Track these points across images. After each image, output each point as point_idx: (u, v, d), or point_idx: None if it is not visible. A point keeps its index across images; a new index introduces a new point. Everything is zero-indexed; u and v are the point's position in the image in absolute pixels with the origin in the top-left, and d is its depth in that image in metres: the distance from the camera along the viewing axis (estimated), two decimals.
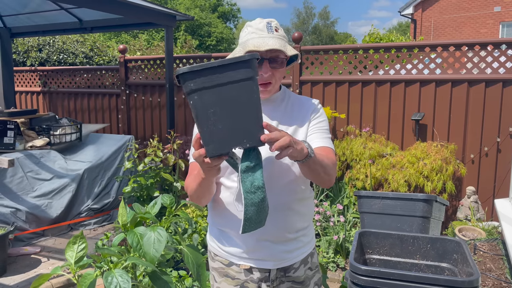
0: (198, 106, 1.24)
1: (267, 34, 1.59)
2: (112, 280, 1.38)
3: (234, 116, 1.26)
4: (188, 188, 1.64)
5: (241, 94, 1.26)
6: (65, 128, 5.16)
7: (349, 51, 5.07)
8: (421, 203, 3.33)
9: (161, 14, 5.42)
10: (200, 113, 1.24)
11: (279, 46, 1.55)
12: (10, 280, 3.72)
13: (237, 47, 1.65)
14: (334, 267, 3.97)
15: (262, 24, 1.61)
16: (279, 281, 1.70)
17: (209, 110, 1.24)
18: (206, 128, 1.25)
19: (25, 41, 9.75)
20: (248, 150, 1.32)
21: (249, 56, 1.27)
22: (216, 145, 1.26)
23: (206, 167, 1.35)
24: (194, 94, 1.23)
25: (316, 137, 1.65)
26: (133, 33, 28.31)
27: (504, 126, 4.42)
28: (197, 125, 1.27)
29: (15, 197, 4.41)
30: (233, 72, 1.25)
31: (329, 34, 46.30)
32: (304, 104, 1.73)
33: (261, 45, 1.54)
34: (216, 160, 1.31)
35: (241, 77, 1.26)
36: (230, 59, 1.25)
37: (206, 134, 1.26)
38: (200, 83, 1.23)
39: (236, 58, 1.26)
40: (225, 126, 1.26)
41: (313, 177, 1.54)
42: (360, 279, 1.67)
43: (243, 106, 1.27)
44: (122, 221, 1.72)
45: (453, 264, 1.83)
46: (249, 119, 1.28)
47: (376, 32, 10.31)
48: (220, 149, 1.27)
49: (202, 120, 1.25)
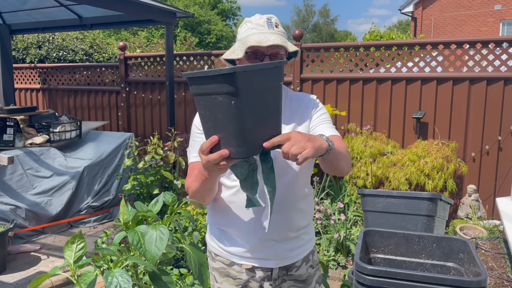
0: (239, 107, 1.21)
1: (267, 30, 1.57)
2: (112, 280, 1.36)
3: (266, 119, 1.28)
4: (189, 188, 1.62)
5: (274, 99, 1.30)
6: (64, 126, 5.14)
7: (350, 48, 5.05)
8: (426, 202, 3.31)
9: (161, 11, 5.39)
10: (239, 115, 1.21)
11: (280, 41, 1.53)
12: (9, 278, 3.70)
13: (236, 43, 1.63)
14: (334, 265, 3.96)
15: (262, 20, 1.59)
16: (281, 280, 1.68)
17: (248, 111, 1.22)
18: (242, 130, 1.23)
19: (24, 38, 9.72)
20: (266, 152, 1.35)
21: (281, 62, 1.30)
22: (249, 147, 1.25)
23: (219, 168, 1.31)
24: (238, 96, 1.20)
25: (323, 128, 1.63)
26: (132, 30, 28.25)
27: (506, 125, 4.40)
28: (230, 126, 1.23)
29: (15, 195, 4.39)
30: (273, 76, 1.28)
31: (329, 32, 46.28)
32: (303, 100, 1.71)
33: (263, 41, 1.52)
34: (234, 161, 1.30)
35: (277, 82, 1.30)
36: (271, 63, 1.27)
37: (240, 136, 1.23)
38: (246, 85, 1.21)
39: (275, 63, 1.28)
40: (259, 128, 1.26)
41: (333, 168, 1.53)
42: (366, 278, 1.65)
43: (274, 110, 1.30)
44: (123, 219, 1.70)
45: (459, 264, 1.82)
46: (276, 123, 1.32)
47: (376, 30, 10.29)
48: (252, 151, 1.27)
49: (240, 122, 1.22)
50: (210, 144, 1.27)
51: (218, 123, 1.26)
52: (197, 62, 6.03)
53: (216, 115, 1.26)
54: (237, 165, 1.36)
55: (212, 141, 1.27)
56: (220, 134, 1.27)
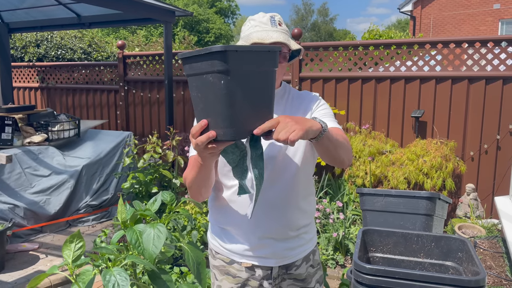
0: (229, 87, 1.19)
1: (270, 28, 1.57)
2: (110, 279, 1.36)
3: (257, 103, 1.26)
4: (186, 179, 1.60)
5: (266, 83, 1.28)
6: (63, 124, 5.13)
7: (348, 47, 5.05)
8: (425, 201, 3.31)
9: (160, 9, 5.38)
10: (228, 95, 1.20)
11: (283, 39, 1.54)
12: (8, 277, 3.70)
13: (240, 41, 1.63)
14: (333, 264, 3.96)
15: (266, 18, 1.60)
16: (281, 279, 1.69)
17: (239, 94, 1.21)
18: (231, 111, 1.21)
19: (23, 36, 9.70)
20: (256, 138, 1.32)
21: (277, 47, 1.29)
22: (237, 129, 1.23)
23: (208, 152, 1.29)
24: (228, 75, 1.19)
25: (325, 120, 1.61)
26: (131, 29, 28.23)
27: (504, 124, 4.41)
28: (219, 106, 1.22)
29: (13, 193, 4.38)
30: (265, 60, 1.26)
31: (328, 30, 46.29)
32: (305, 98, 1.72)
33: (266, 38, 1.52)
34: (222, 144, 1.28)
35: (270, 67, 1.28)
36: (265, 46, 1.27)
37: (229, 118, 1.22)
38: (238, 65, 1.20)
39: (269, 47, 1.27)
40: (248, 111, 1.24)
41: (331, 157, 1.49)
42: (365, 277, 1.65)
43: (265, 94, 1.28)
44: (121, 218, 1.70)
45: (457, 263, 1.82)
46: (267, 108, 1.29)
47: (375, 29, 10.29)
48: (240, 134, 1.25)
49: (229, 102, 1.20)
50: (200, 128, 1.26)
51: (208, 104, 1.25)
52: None
53: (207, 96, 1.25)
54: (228, 151, 1.34)
55: (202, 124, 1.26)
56: (210, 116, 1.25)
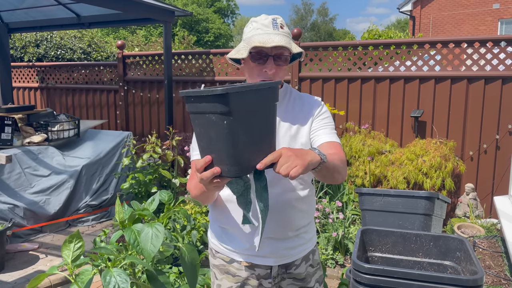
0: (232, 127, 1.21)
1: (272, 31, 1.58)
2: (110, 280, 1.37)
3: (261, 139, 1.28)
4: (190, 192, 1.65)
5: (268, 118, 1.30)
6: (63, 124, 5.14)
7: (348, 47, 5.05)
8: (423, 201, 3.32)
9: (159, 9, 5.39)
10: (231, 135, 1.22)
11: (284, 43, 1.54)
12: (8, 277, 3.70)
13: (241, 42, 1.64)
14: (333, 263, 3.96)
15: (268, 20, 1.60)
16: (280, 278, 1.69)
17: (241, 131, 1.22)
18: (235, 150, 1.23)
19: (22, 36, 9.70)
20: (260, 172, 1.34)
21: (274, 83, 1.30)
22: (242, 167, 1.25)
23: (213, 186, 1.32)
24: (230, 116, 1.20)
25: (323, 133, 1.64)
26: (131, 29, 28.23)
27: (503, 123, 4.41)
28: (223, 145, 1.23)
29: (13, 193, 4.38)
30: (266, 96, 1.28)
31: (327, 30, 46.29)
32: (307, 101, 1.72)
33: (267, 42, 1.53)
34: (227, 179, 1.30)
35: (271, 102, 1.30)
36: (264, 83, 1.28)
37: (233, 156, 1.23)
38: (239, 105, 1.21)
39: (269, 83, 1.28)
40: (252, 148, 1.26)
41: (326, 179, 1.55)
42: (363, 277, 1.65)
43: (268, 129, 1.30)
44: (119, 218, 1.71)
45: (456, 262, 1.82)
46: (270, 141, 1.31)
47: (375, 29, 10.29)
48: (245, 170, 1.28)
49: (232, 142, 1.22)
50: (204, 164, 1.28)
51: (212, 141, 1.27)
52: (195, 61, 6.03)
53: (210, 133, 1.26)
54: (233, 182, 1.37)
55: (206, 160, 1.28)
56: (214, 152, 1.28)
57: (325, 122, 1.67)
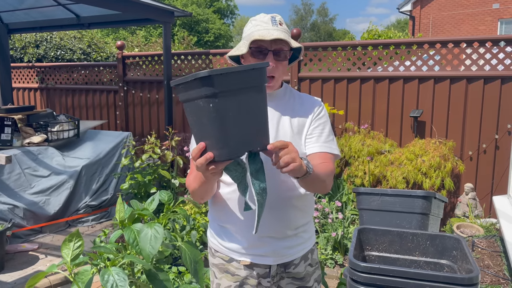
0: (218, 110, 1.23)
1: (271, 27, 1.60)
2: (108, 278, 1.38)
3: (248, 120, 1.29)
4: (189, 187, 1.65)
5: (255, 100, 1.30)
6: (62, 125, 5.14)
7: (347, 47, 5.06)
8: (420, 200, 3.33)
9: (159, 10, 5.40)
10: (218, 117, 1.24)
11: (284, 37, 1.57)
12: (8, 277, 3.71)
13: (241, 40, 1.66)
14: (332, 263, 3.97)
15: (267, 18, 1.63)
16: (279, 277, 1.70)
17: (228, 115, 1.24)
18: (223, 132, 1.25)
19: (22, 37, 9.71)
20: (254, 154, 1.36)
21: (263, 64, 1.31)
22: (231, 149, 1.27)
23: (210, 173, 1.34)
24: (215, 98, 1.22)
25: (317, 141, 1.66)
26: (131, 30, 28.22)
27: (502, 123, 4.42)
28: (210, 129, 1.26)
29: (13, 194, 4.39)
30: (252, 78, 1.28)
31: (327, 30, 46.29)
32: (306, 102, 1.74)
33: (266, 35, 1.55)
34: (222, 164, 1.32)
35: (257, 84, 1.30)
36: (250, 65, 1.28)
37: (222, 138, 1.26)
38: (224, 87, 1.23)
39: (254, 64, 1.29)
40: (240, 130, 1.27)
41: (308, 189, 1.60)
42: (360, 276, 1.66)
43: (256, 111, 1.31)
44: (119, 217, 1.72)
45: (452, 261, 1.83)
46: (260, 124, 1.32)
47: (374, 29, 10.30)
48: (235, 152, 1.29)
49: (220, 124, 1.24)
50: (198, 151, 1.31)
51: (203, 127, 1.29)
52: (195, 61, 6.04)
53: (200, 120, 1.28)
54: (231, 169, 1.38)
55: (200, 147, 1.31)
56: (207, 138, 1.29)
57: (322, 127, 1.69)
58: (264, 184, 1.37)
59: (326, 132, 1.68)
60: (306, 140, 1.66)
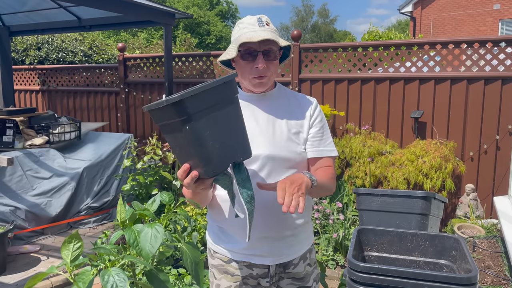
0: (195, 130, 1.24)
1: (258, 28, 1.61)
2: (108, 279, 1.38)
3: (227, 134, 1.30)
4: (185, 196, 1.68)
5: (230, 112, 1.31)
6: (64, 127, 5.16)
7: (348, 49, 5.07)
8: (420, 200, 3.33)
9: (160, 12, 5.41)
10: (196, 138, 1.25)
11: (271, 37, 1.57)
12: (9, 279, 3.72)
13: (230, 44, 1.67)
14: (333, 264, 3.97)
15: (253, 19, 1.64)
16: (279, 277, 1.71)
17: (206, 133, 1.25)
18: (204, 150, 1.26)
19: (23, 39, 9.73)
20: (238, 164, 1.38)
21: (230, 76, 1.31)
22: (215, 164, 1.29)
23: (200, 188, 1.39)
24: (191, 120, 1.23)
25: (319, 145, 1.69)
26: (132, 32, 28.29)
27: (503, 124, 4.42)
28: (192, 149, 1.27)
29: (15, 196, 4.40)
30: (223, 92, 1.28)
31: (328, 32, 46.29)
32: (302, 101, 1.75)
33: (254, 37, 1.55)
34: (209, 180, 1.36)
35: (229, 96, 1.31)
36: (217, 80, 1.28)
37: (204, 156, 1.27)
38: (196, 108, 1.23)
39: (222, 78, 1.29)
40: (221, 145, 1.29)
41: (314, 196, 1.65)
42: (359, 276, 1.66)
43: (233, 123, 1.32)
44: (120, 218, 1.72)
45: (451, 261, 1.83)
46: (239, 134, 1.34)
47: (375, 30, 10.31)
48: (220, 167, 1.31)
49: (200, 143, 1.25)
50: (183, 172, 1.35)
51: (183, 149, 1.30)
52: (196, 63, 6.05)
53: (179, 142, 1.30)
54: (219, 179, 1.40)
55: (184, 169, 1.35)
56: (189, 157, 1.31)
57: (322, 131, 1.72)
58: (252, 191, 1.39)
59: (326, 135, 1.71)
60: (307, 143, 1.68)
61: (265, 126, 1.65)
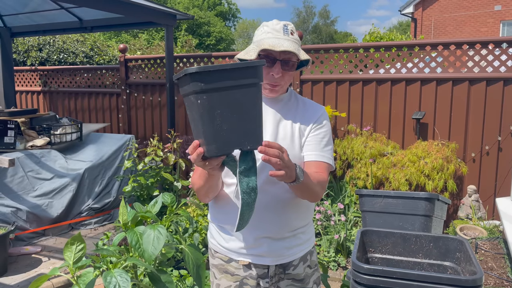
0: (205, 106, 1.24)
1: (283, 36, 1.61)
2: (111, 280, 1.38)
3: (239, 118, 1.28)
4: (194, 185, 1.66)
5: (247, 98, 1.29)
6: (65, 128, 5.16)
7: (349, 50, 5.06)
8: (423, 202, 3.32)
9: (161, 13, 5.42)
10: (206, 113, 1.25)
11: (293, 48, 1.57)
12: (11, 280, 3.71)
13: (251, 44, 1.67)
14: (335, 266, 3.96)
15: (279, 26, 1.63)
16: (278, 278, 1.71)
17: (216, 111, 1.25)
18: (211, 128, 1.26)
19: (25, 40, 9.74)
20: (246, 152, 1.35)
21: (257, 62, 1.30)
22: (219, 145, 1.28)
23: (208, 168, 1.37)
24: (203, 94, 1.23)
25: (315, 149, 1.67)
26: (133, 33, 28.32)
27: (505, 125, 4.41)
28: (201, 124, 1.27)
29: (16, 197, 4.40)
30: (243, 76, 1.27)
31: (329, 33, 46.31)
32: (310, 108, 1.76)
33: (276, 45, 1.55)
34: (215, 160, 1.34)
35: (249, 82, 1.29)
36: (242, 63, 1.28)
37: (210, 134, 1.26)
38: (212, 84, 1.24)
39: (247, 63, 1.28)
40: (230, 127, 1.27)
41: (299, 195, 1.59)
42: (363, 278, 1.66)
43: (248, 109, 1.29)
44: (123, 220, 1.72)
45: (455, 263, 1.82)
46: (252, 123, 1.31)
47: (376, 31, 10.30)
48: (223, 149, 1.29)
49: (208, 120, 1.25)
50: (193, 147, 1.33)
51: (195, 123, 1.30)
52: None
53: (193, 115, 1.30)
54: (230, 164, 1.39)
55: (194, 145, 1.33)
56: (199, 134, 1.31)
57: (322, 136, 1.70)
58: (254, 183, 1.35)
59: (325, 141, 1.69)
60: (304, 145, 1.67)
61: (270, 126, 1.66)
